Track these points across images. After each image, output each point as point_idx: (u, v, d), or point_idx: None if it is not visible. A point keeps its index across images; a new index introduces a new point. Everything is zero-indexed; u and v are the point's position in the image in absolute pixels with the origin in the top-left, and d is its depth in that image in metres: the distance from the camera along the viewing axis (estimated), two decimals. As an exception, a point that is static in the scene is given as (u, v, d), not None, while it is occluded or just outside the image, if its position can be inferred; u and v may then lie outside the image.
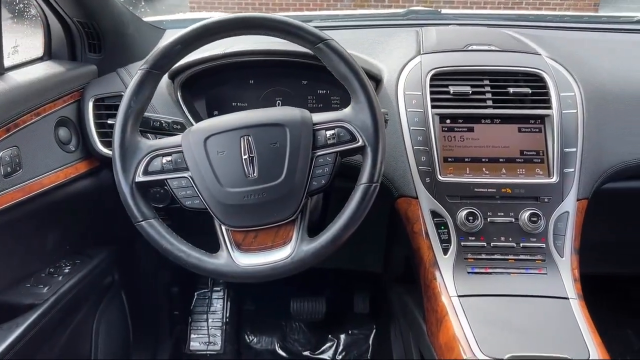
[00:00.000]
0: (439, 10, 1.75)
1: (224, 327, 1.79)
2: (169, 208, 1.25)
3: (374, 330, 1.83)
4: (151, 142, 0.92)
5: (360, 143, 0.89)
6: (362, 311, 1.81)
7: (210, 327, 1.78)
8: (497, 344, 0.89)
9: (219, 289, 1.85)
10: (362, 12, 2.04)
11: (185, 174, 0.89)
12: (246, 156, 0.88)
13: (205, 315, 1.81)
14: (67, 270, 1.28)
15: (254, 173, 0.87)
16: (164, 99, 1.21)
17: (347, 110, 0.91)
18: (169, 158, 0.90)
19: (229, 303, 1.83)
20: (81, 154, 1.24)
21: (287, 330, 1.89)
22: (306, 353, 1.84)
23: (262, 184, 0.87)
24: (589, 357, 0.87)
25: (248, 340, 1.87)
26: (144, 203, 0.89)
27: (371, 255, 1.58)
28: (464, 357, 0.88)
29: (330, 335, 1.86)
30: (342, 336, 1.85)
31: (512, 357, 0.85)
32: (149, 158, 0.90)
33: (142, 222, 0.88)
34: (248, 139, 0.88)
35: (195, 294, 1.85)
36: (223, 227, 0.90)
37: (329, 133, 0.90)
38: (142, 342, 1.60)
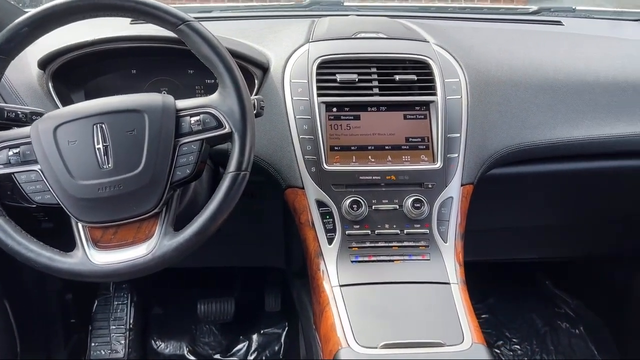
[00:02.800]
0: (342, 1, 1.74)
1: (128, 333, 1.70)
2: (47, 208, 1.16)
3: (286, 329, 1.80)
4: None
5: (227, 130, 0.85)
6: (273, 309, 1.77)
7: (112, 334, 1.69)
8: (372, 332, 0.87)
9: (122, 293, 1.76)
10: (264, 3, 2.00)
11: (35, 167, 0.82)
12: (99, 145, 0.82)
13: (107, 322, 1.71)
14: None
15: (108, 164, 0.81)
16: (33, 91, 1.12)
17: (214, 96, 0.87)
18: (16, 150, 0.83)
19: (133, 308, 1.74)
20: None
21: (196, 334, 1.82)
22: (217, 356, 1.78)
23: (118, 175, 0.81)
24: (463, 341, 0.87)
25: (155, 346, 1.79)
26: None
27: (273, 251, 1.54)
28: (340, 348, 0.85)
29: (241, 336, 1.81)
30: (254, 336, 1.80)
31: (386, 344, 0.84)
32: None
33: None
34: (102, 127, 0.82)
35: (96, 300, 1.75)
36: (79, 224, 0.83)
37: (193, 119, 0.85)
38: (32, 354, 1.49)
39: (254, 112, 0.92)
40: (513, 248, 1.67)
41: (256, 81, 1.15)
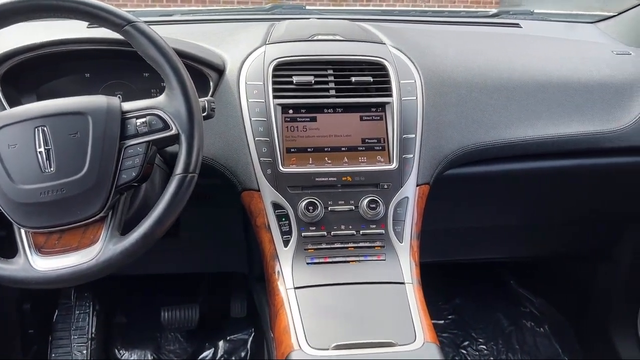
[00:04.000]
0: (304, 5, 1.74)
1: (90, 343, 1.67)
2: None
3: (253, 334, 1.78)
4: None
5: (173, 131, 0.84)
6: (239, 315, 1.75)
7: (73, 345, 1.65)
8: (324, 334, 0.87)
9: (84, 302, 1.72)
10: (226, 6, 1.99)
11: None
12: (41, 149, 0.80)
13: (68, 332, 1.67)
14: None
15: (50, 167, 0.80)
16: None
17: (161, 97, 0.86)
18: None
19: (95, 317, 1.71)
20: None
21: (161, 342, 1.79)
22: (183, 364, 1.76)
23: (61, 179, 0.80)
24: (415, 340, 0.87)
25: (119, 356, 1.75)
26: None
27: (236, 256, 1.53)
28: (291, 350, 0.85)
29: (207, 343, 1.78)
30: (220, 343, 1.78)
31: (337, 345, 0.83)
32: None
33: None
34: (43, 130, 0.80)
35: (57, 309, 1.71)
36: (22, 230, 0.81)
37: (139, 121, 0.84)
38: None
39: (205, 113, 0.91)
40: (477, 248, 1.68)
41: (211, 83, 1.14)
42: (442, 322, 1.88)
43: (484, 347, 1.82)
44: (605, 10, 1.64)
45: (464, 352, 1.80)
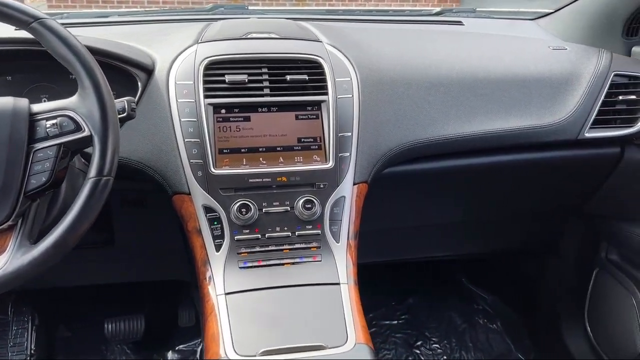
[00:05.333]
0: (246, 5, 1.71)
1: (29, 359, 1.59)
2: None
3: (202, 344, 1.73)
4: None
5: (86, 133, 0.80)
6: (187, 324, 1.70)
7: (11, 362, 1.57)
8: (253, 340, 0.84)
9: (22, 317, 1.64)
10: (165, 7, 1.95)
11: None
12: None
13: (6, 349, 1.59)
14: None
15: None
16: None
17: (73, 98, 0.82)
18: None
19: (34, 332, 1.63)
20: None
21: (107, 354, 1.73)
22: (129, 376, 1.70)
23: None
24: (346, 342, 0.85)
25: (62, 371, 1.68)
26: None
27: (177, 263, 1.48)
28: (217, 358, 0.81)
29: (155, 354, 1.73)
30: (169, 353, 1.73)
31: (265, 351, 0.81)
32: None
33: None
34: None
35: (-7, 325, 1.63)
36: None
37: (49, 123, 0.79)
38: None
39: (124, 114, 0.87)
40: (426, 246, 1.68)
41: (139, 84, 1.10)
42: (395, 322, 1.87)
43: (437, 346, 1.81)
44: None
45: (418, 351, 1.79)
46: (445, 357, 1.78)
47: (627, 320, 1.48)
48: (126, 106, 0.87)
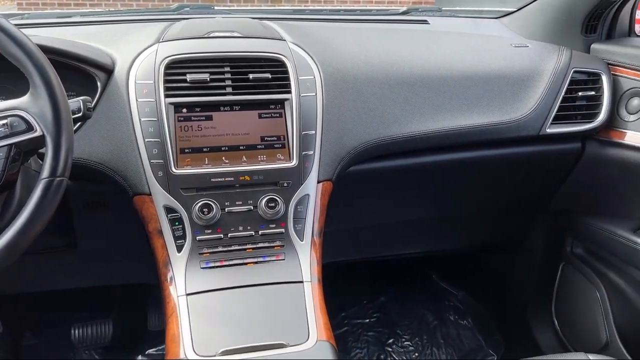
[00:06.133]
0: (212, 5, 1.70)
1: (-7, 368, 1.55)
2: None
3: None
4: None
5: (38, 133, 0.78)
6: (157, 328, 1.68)
7: (-26, 372, 1.53)
8: (213, 340, 0.83)
9: (-15, 325, 1.60)
10: (131, 9, 1.93)
11: None
12: None
13: (-32, 359, 1.55)
14: None
15: None
16: None
17: (25, 97, 0.80)
18: None
19: (-2, 340, 1.59)
20: None
21: (75, 361, 1.69)
22: (98, 382, 1.67)
23: None
24: (308, 339, 0.84)
25: (28, 379, 1.64)
26: None
27: (144, 265, 1.46)
28: (177, 359, 0.80)
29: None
30: (138, 358, 1.70)
31: (224, 351, 0.80)
32: None
33: None
34: None
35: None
36: None
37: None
38: None
39: (80, 114, 0.86)
40: (395, 244, 1.69)
41: (99, 84, 1.08)
42: (367, 321, 1.87)
43: (409, 343, 1.82)
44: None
45: (390, 349, 1.80)
46: (416, 355, 1.79)
47: (592, 312, 1.51)
48: (81, 106, 0.86)
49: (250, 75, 1.09)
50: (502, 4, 1.80)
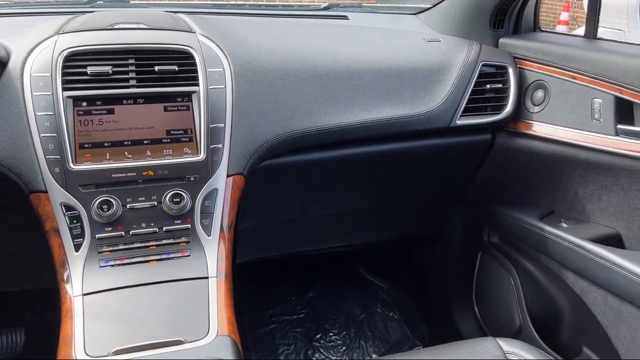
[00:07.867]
0: (129, -1, 1.64)
1: None
2: None
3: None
4: None
5: None
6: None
7: None
8: (106, 340, 0.80)
9: None
10: (40, 1, 1.84)
11: None
12: None
13: None
14: None
15: None
16: None
17: None
18: None
19: None
20: None
21: (-16, 373, 1.59)
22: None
23: None
24: (207, 334, 0.83)
25: None
26: None
27: (51, 269, 1.39)
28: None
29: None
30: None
31: (117, 350, 0.77)
32: None
33: None
34: None
35: None
36: None
37: None
38: None
39: None
40: (322, 237, 1.69)
41: None
42: (295, 317, 1.87)
43: (337, 337, 1.83)
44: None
45: (317, 344, 1.80)
46: (344, 348, 1.80)
47: (507, 299, 1.56)
48: None
49: (156, 68, 1.06)
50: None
